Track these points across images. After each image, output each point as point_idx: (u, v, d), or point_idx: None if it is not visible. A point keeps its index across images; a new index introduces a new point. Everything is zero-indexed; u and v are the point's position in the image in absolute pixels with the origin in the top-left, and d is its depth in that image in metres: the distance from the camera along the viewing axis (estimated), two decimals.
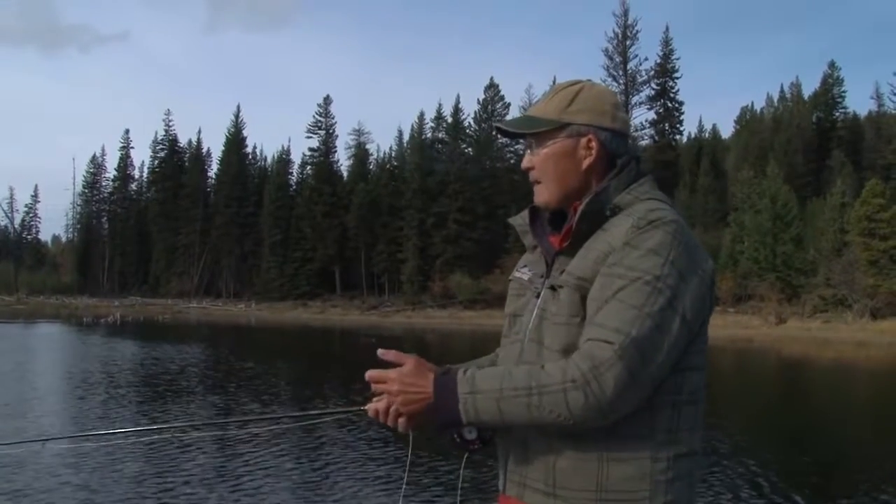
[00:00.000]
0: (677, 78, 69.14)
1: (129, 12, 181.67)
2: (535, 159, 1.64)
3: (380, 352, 1.57)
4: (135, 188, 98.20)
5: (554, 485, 1.48)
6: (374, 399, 1.64)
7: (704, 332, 1.54)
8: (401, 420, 1.57)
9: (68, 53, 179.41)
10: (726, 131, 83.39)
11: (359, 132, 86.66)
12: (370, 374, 1.57)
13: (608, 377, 1.36)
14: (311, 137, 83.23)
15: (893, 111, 62.57)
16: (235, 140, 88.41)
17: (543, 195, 1.64)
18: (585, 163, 1.61)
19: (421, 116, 78.97)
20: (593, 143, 1.61)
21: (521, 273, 1.72)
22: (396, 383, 1.52)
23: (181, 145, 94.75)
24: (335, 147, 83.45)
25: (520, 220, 1.75)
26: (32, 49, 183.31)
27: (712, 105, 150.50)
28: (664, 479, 1.44)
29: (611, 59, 67.77)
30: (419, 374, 1.52)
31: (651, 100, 68.72)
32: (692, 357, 1.50)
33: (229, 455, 8.66)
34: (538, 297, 1.60)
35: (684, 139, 75.34)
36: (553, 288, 1.55)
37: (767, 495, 7.85)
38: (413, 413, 1.53)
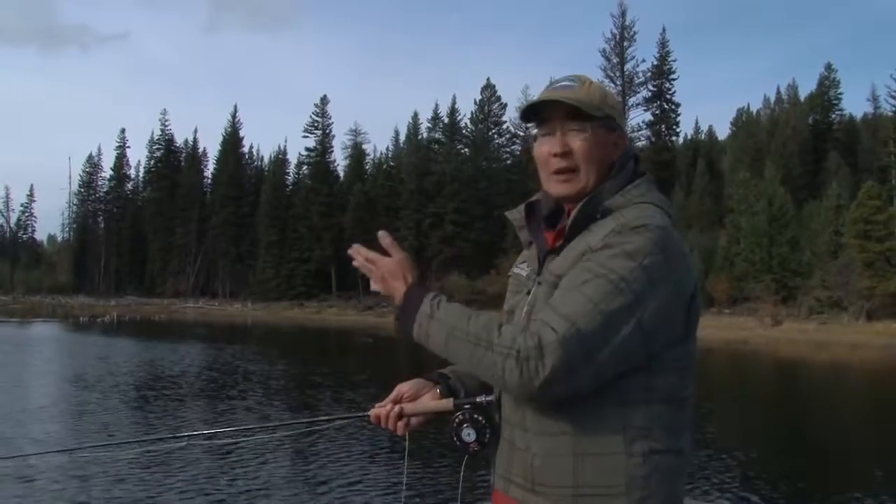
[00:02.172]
0: (674, 79, 69.22)
1: (129, 13, 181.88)
2: (576, 144, 1.59)
3: (380, 233, 1.65)
4: (131, 188, 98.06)
5: (533, 481, 1.50)
6: (377, 405, 1.70)
7: (688, 340, 1.52)
8: (399, 424, 1.65)
9: (68, 53, 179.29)
10: (722, 133, 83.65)
11: (355, 132, 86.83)
12: (367, 254, 1.66)
13: (545, 362, 1.37)
14: (307, 137, 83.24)
15: (890, 113, 62.70)
16: (232, 140, 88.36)
17: (580, 183, 1.59)
18: (613, 157, 1.62)
19: (415, 117, 79.14)
20: (621, 140, 1.63)
21: (520, 269, 1.72)
22: (377, 274, 1.63)
23: (177, 145, 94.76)
24: (331, 147, 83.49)
25: (517, 215, 1.74)
26: (32, 49, 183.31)
27: (708, 106, 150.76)
28: (640, 475, 1.44)
29: (608, 59, 67.82)
30: (396, 275, 1.60)
31: (648, 101, 68.76)
32: (667, 360, 1.48)
33: (228, 461, 8.64)
34: (529, 293, 1.61)
35: (680, 140, 75.50)
36: (540, 286, 1.56)
37: (762, 496, 7.86)
38: (381, 291, 1.63)
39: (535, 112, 1.64)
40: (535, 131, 1.68)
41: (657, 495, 1.45)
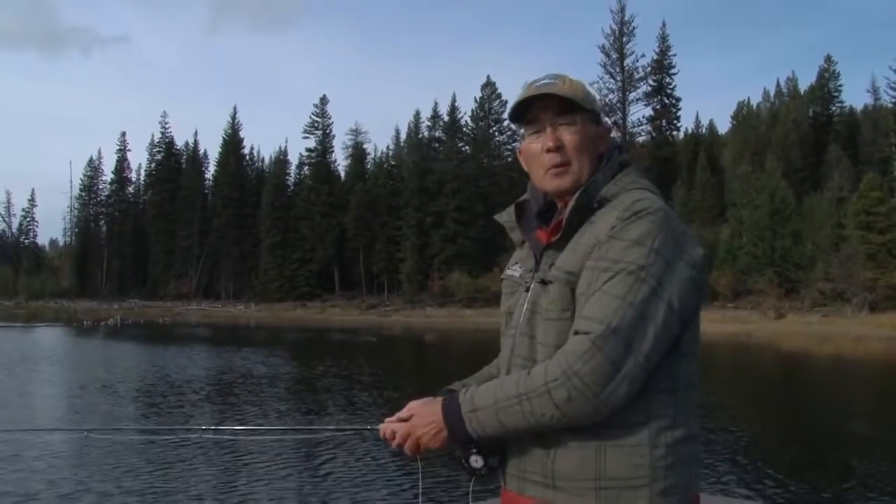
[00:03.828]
0: (674, 74, 69.29)
1: (130, 15, 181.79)
2: (567, 138, 1.59)
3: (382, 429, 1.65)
4: (132, 191, 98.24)
5: (553, 477, 1.48)
6: (387, 420, 1.67)
7: (697, 318, 1.54)
8: (408, 445, 1.60)
9: (68, 56, 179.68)
10: (723, 127, 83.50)
11: (356, 132, 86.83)
12: (392, 430, 1.62)
13: (587, 369, 1.38)
14: (307, 138, 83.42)
15: (890, 104, 62.65)
16: (232, 141, 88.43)
17: (574, 175, 1.60)
18: (601, 149, 1.64)
19: (417, 115, 79.17)
20: (605, 133, 1.65)
21: (512, 271, 1.72)
22: (417, 427, 1.57)
23: (178, 147, 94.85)
24: (332, 147, 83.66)
25: (506, 217, 1.75)
26: (33, 52, 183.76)
27: (709, 100, 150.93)
28: (663, 465, 1.44)
29: (608, 55, 67.87)
30: (427, 411, 1.57)
31: (648, 96, 68.82)
32: (684, 343, 1.50)
33: (235, 465, 8.59)
34: (528, 291, 1.61)
35: (681, 135, 75.47)
36: (543, 282, 1.56)
37: (766, 487, 7.87)
38: (437, 443, 1.56)
39: (521, 113, 1.65)
40: (522, 130, 1.68)
41: (679, 484, 1.45)
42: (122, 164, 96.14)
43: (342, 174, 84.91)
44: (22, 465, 8.18)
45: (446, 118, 76.09)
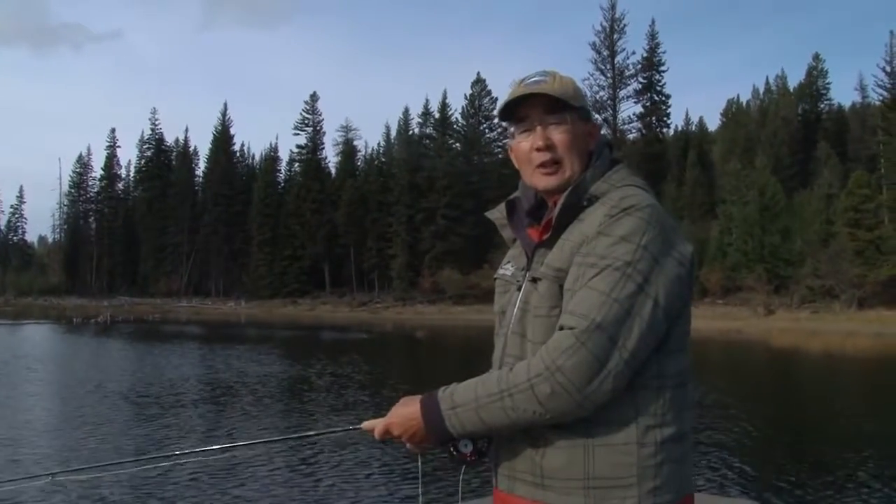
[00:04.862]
0: (664, 71, 69.38)
1: (122, 11, 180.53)
2: (557, 137, 1.59)
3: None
4: (122, 187, 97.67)
5: (542, 475, 1.48)
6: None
7: (687, 315, 1.54)
8: (405, 442, 1.61)
9: (59, 52, 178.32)
10: (713, 124, 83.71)
11: (346, 129, 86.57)
12: (378, 434, 1.61)
13: (571, 364, 1.37)
14: (298, 134, 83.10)
15: (877, 103, 62.94)
16: (223, 138, 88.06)
17: (566, 174, 1.59)
18: (590, 147, 1.64)
19: (406, 112, 79.06)
20: (595, 130, 1.65)
21: (505, 270, 1.72)
22: (395, 426, 1.57)
23: (168, 144, 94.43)
24: (323, 144, 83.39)
25: (497, 214, 1.74)
26: (24, 48, 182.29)
27: (698, 98, 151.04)
28: (652, 464, 1.43)
29: (598, 52, 67.93)
30: (405, 411, 1.56)
31: (638, 93, 68.90)
32: (673, 340, 1.49)
33: (226, 475, 8.54)
34: (520, 290, 1.60)
35: (671, 132, 75.62)
36: (534, 280, 1.55)
37: (759, 484, 7.92)
38: (420, 441, 1.56)
39: (511, 111, 1.64)
40: (511, 129, 1.67)
41: (668, 483, 1.45)
42: (111, 160, 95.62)
43: (332, 171, 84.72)
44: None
45: (437, 115, 76.00)
